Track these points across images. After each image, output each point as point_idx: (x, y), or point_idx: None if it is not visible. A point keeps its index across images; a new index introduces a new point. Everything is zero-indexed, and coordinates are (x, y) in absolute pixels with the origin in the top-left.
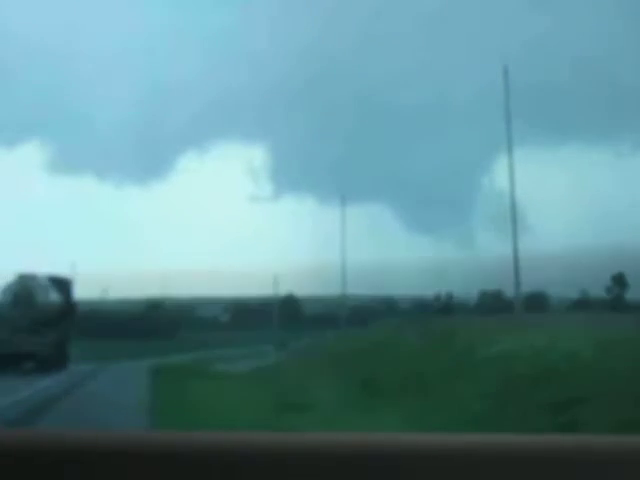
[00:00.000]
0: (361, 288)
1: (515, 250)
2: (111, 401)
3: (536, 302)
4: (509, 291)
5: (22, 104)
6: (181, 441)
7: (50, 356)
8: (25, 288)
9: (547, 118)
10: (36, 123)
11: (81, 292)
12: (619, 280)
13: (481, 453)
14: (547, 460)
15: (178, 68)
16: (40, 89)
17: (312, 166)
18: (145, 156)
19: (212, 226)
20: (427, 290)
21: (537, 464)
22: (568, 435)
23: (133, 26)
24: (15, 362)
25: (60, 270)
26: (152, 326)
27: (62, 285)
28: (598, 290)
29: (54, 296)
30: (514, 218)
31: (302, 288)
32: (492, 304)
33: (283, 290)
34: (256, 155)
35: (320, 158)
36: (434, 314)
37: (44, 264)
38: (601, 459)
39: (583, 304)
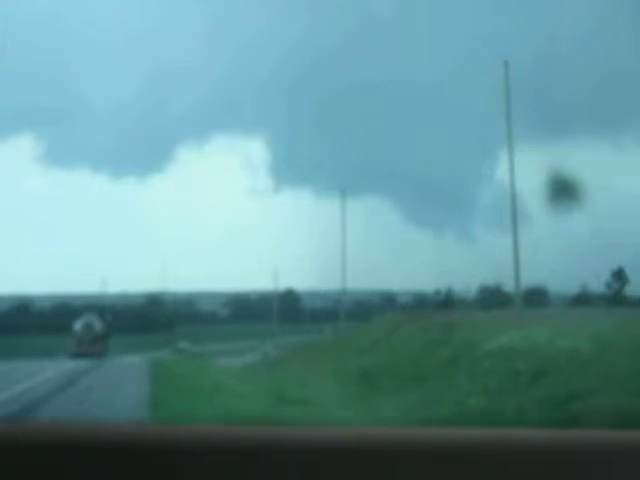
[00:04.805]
0: (361, 282)
1: (515, 244)
2: (110, 394)
3: (536, 297)
4: (509, 285)
5: (14, 94)
6: (180, 434)
7: (100, 356)
8: (89, 319)
9: (548, 110)
10: (28, 115)
11: (79, 286)
12: (619, 275)
13: (480, 447)
14: (546, 455)
15: (176, 60)
16: (33, 80)
17: (312, 160)
18: (142, 149)
19: (211, 220)
20: (427, 284)
21: (536, 458)
22: (567, 430)
23: (131, 19)
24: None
25: (54, 266)
26: (151, 320)
27: (104, 318)
28: (598, 285)
29: (100, 324)
30: (514, 212)
31: (302, 282)
32: (492, 299)
33: (282, 284)
34: (255, 148)
35: (320, 152)
36: (434, 308)
37: (41, 260)
38: (600, 454)
39: (583, 299)
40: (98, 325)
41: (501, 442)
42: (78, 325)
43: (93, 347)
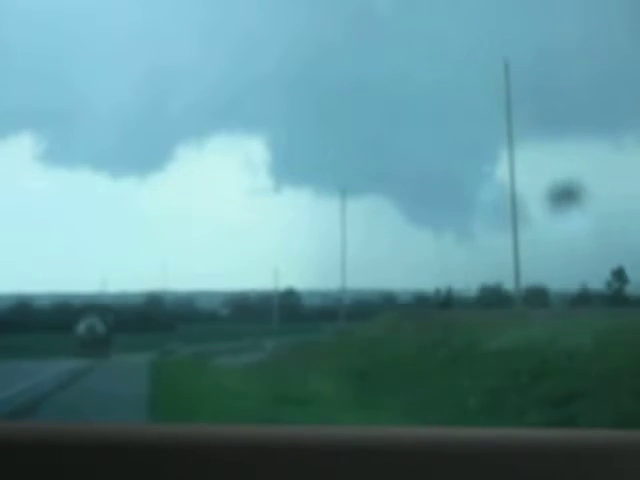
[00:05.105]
0: (361, 282)
1: (515, 244)
2: (110, 394)
3: (536, 296)
4: (509, 285)
5: (13, 93)
6: (180, 434)
7: (104, 357)
8: (91, 321)
9: (548, 109)
10: (27, 114)
11: (79, 285)
12: (619, 275)
13: (480, 447)
14: (546, 455)
15: (176, 58)
16: (32, 79)
17: (312, 159)
18: (142, 148)
19: (211, 219)
20: (427, 284)
21: (536, 458)
22: (567, 430)
23: (130, 17)
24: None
25: (54, 266)
26: (151, 319)
27: (107, 321)
28: (599, 285)
29: (102, 326)
30: (514, 212)
31: (302, 282)
32: (492, 298)
33: (282, 284)
34: (255, 147)
35: (320, 151)
36: (434, 308)
37: (41, 259)
38: (600, 454)
39: (583, 299)
40: (100, 327)
41: (501, 442)
42: (81, 327)
43: (96, 349)
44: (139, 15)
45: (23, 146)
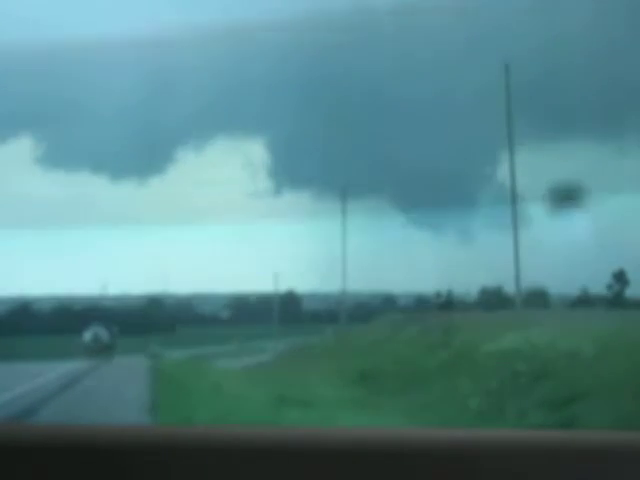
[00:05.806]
0: (361, 284)
1: (516, 246)
2: (110, 396)
3: (537, 298)
4: (510, 287)
5: (12, 95)
6: (180, 436)
7: (107, 361)
8: (97, 330)
9: (548, 109)
10: (27, 115)
11: (80, 288)
12: (620, 277)
13: (480, 447)
14: (546, 455)
15: (177, 60)
16: (31, 80)
17: (312, 161)
18: (143, 150)
19: (211, 222)
20: (428, 286)
21: (536, 459)
22: (567, 431)
23: (131, 19)
24: None
25: (54, 265)
26: (152, 322)
27: (111, 330)
28: (600, 287)
29: (107, 334)
30: (515, 213)
31: (302, 284)
32: (493, 300)
33: (283, 286)
34: (256, 150)
35: (321, 153)
36: (434, 310)
37: (41, 263)
38: (600, 455)
39: (584, 301)
40: (105, 335)
41: (501, 442)
42: (86, 336)
43: (100, 356)
44: (141, 19)
45: (24, 149)
